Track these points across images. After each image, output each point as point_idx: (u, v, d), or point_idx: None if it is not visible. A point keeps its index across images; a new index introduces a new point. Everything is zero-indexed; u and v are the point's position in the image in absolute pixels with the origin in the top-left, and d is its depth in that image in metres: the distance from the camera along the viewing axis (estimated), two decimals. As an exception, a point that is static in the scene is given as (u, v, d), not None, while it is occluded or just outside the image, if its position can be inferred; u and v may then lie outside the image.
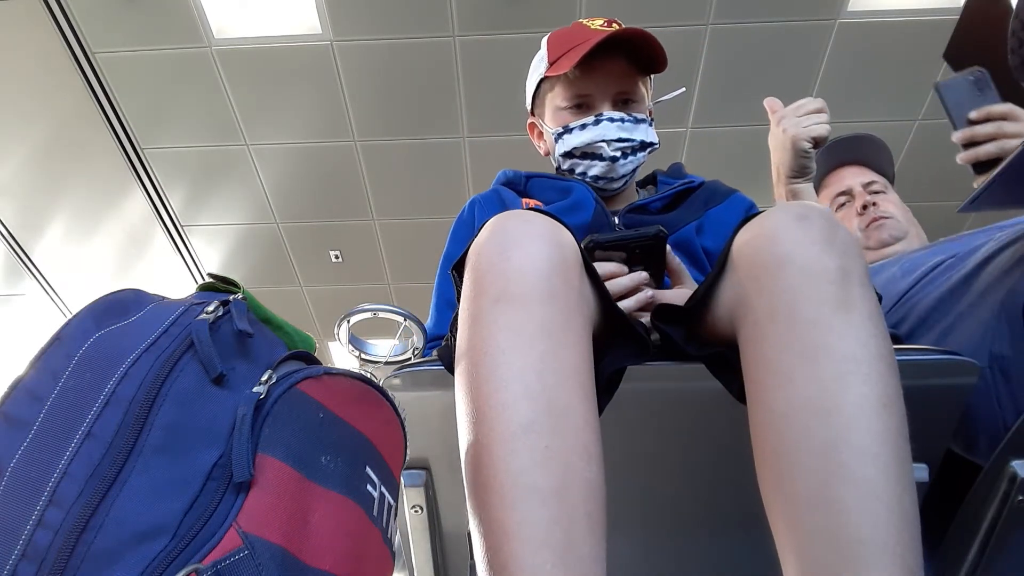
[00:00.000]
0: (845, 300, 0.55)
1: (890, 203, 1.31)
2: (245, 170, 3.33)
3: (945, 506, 0.76)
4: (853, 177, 1.36)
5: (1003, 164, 0.72)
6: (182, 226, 3.63)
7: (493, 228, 0.61)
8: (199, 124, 3.11)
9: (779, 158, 1.07)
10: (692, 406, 0.73)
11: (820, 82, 2.96)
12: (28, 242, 3.66)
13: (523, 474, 0.48)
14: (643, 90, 1.02)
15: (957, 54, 0.90)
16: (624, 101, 0.99)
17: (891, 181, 1.39)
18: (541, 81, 1.04)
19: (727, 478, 0.72)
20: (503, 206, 1.02)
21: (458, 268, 0.65)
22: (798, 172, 1.04)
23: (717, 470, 0.77)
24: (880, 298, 0.61)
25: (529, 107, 1.11)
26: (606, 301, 0.64)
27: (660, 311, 0.70)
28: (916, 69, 2.87)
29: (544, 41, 1.05)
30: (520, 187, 1.07)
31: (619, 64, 0.97)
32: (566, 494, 0.48)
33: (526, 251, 0.57)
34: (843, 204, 1.35)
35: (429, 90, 2.98)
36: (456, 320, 0.63)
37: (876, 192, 1.33)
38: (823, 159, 1.37)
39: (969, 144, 0.87)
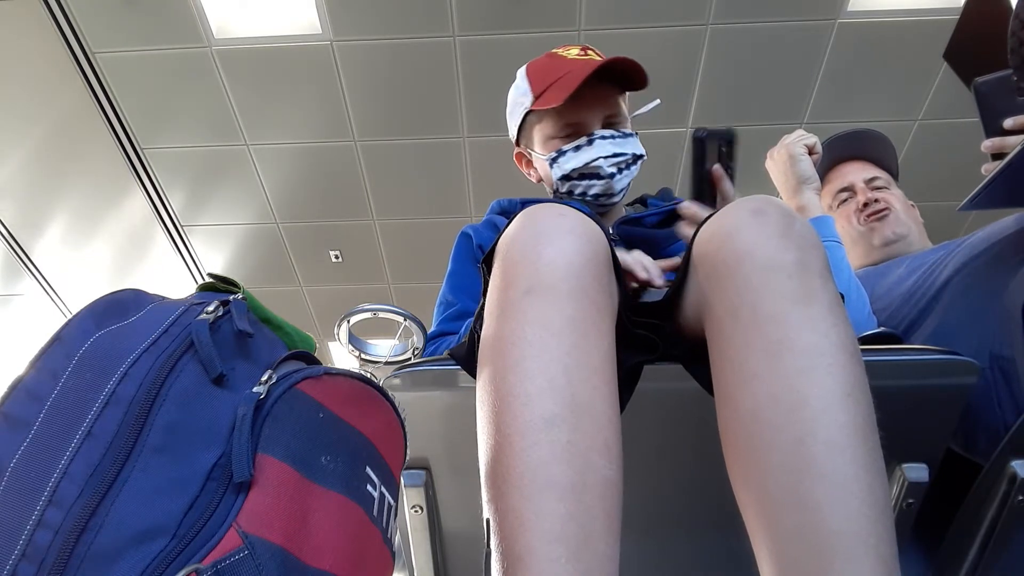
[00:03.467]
0: (805, 293, 0.55)
1: (892, 199, 1.29)
2: (245, 170, 3.32)
3: (945, 506, 0.76)
4: (855, 173, 1.34)
5: (1003, 163, 0.72)
6: (182, 226, 3.63)
7: (525, 220, 0.61)
8: (199, 124, 3.11)
9: (782, 179, 1.10)
10: (692, 405, 0.73)
11: (820, 82, 2.96)
12: (28, 242, 3.66)
13: (543, 467, 0.48)
14: (624, 108, 1.04)
15: (957, 54, 0.89)
16: (611, 123, 1.01)
17: (895, 177, 1.36)
18: (527, 114, 1.05)
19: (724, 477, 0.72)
20: (497, 232, 1.03)
21: (487, 261, 0.65)
22: (800, 179, 1.06)
23: (717, 470, 0.77)
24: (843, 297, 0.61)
25: (514, 138, 1.11)
26: (624, 298, 0.65)
27: (639, 310, 0.70)
28: (916, 69, 2.87)
29: (522, 73, 1.06)
30: (516, 214, 1.08)
31: (603, 90, 0.99)
32: (584, 490, 0.48)
33: (558, 245, 0.57)
34: (844, 200, 1.34)
35: (429, 90, 2.98)
36: (477, 317, 0.63)
37: (878, 188, 1.31)
38: (825, 154, 1.36)
39: (997, 155, 0.82)
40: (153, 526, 0.40)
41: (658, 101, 1.06)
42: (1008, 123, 0.81)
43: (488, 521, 0.50)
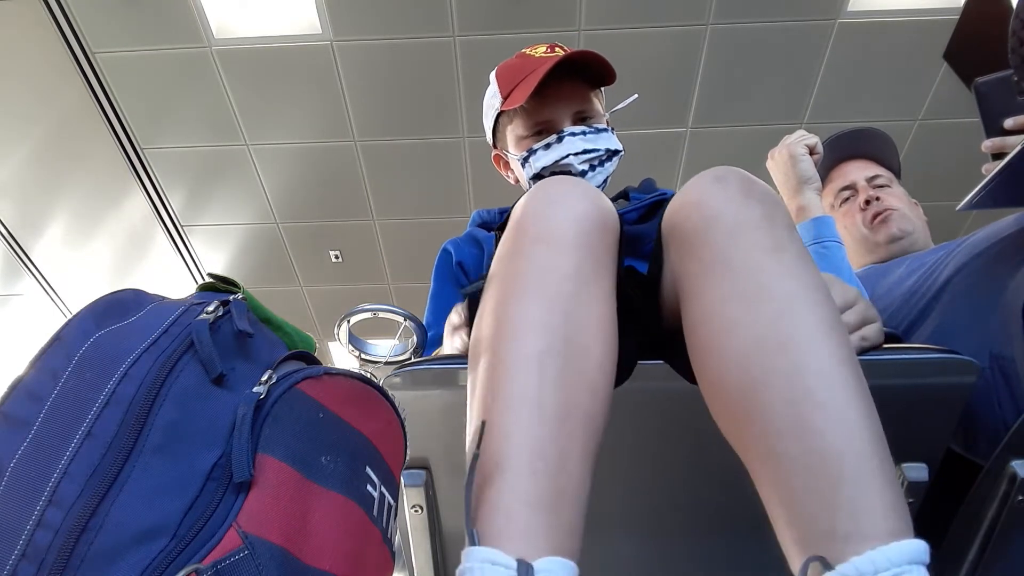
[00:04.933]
0: (774, 243, 0.57)
1: (894, 197, 1.29)
2: (245, 170, 3.33)
3: (945, 506, 0.76)
4: (857, 171, 1.34)
5: (1003, 163, 0.72)
6: (182, 226, 3.63)
7: (538, 188, 0.64)
8: (199, 124, 3.11)
9: (782, 179, 1.10)
10: (691, 402, 0.73)
11: (820, 82, 2.96)
12: (28, 242, 3.66)
13: (531, 390, 0.51)
14: (598, 104, 1.03)
15: (957, 54, 0.89)
16: (583, 119, 1.00)
17: (897, 175, 1.36)
18: (499, 115, 1.05)
19: (727, 476, 0.72)
20: (478, 246, 1.04)
21: (501, 228, 0.68)
22: (801, 179, 1.06)
23: (717, 468, 0.77)
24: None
25: (491, 141, 1.11)
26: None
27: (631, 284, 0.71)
28: (916, 69, 2.87)
29: (493, 75, 1.06)
30: (495, 224, 1.09)
31: (571, 86, 0.99)
32: (567, 418, 0.51)
33: (569, 205, 0.60)
34: (847, 199, 1.33)
35: (429, 90, 2.98)
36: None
37: (880, 186, 1.31)
38: (826, 153, 1.36)
39: (997, 155, 0.82)
40: (153, 526, 0.40)
41: (636, 96, 1.04)
42: (1008, 123, 0.81)
43: (483, 424, 0.51)
